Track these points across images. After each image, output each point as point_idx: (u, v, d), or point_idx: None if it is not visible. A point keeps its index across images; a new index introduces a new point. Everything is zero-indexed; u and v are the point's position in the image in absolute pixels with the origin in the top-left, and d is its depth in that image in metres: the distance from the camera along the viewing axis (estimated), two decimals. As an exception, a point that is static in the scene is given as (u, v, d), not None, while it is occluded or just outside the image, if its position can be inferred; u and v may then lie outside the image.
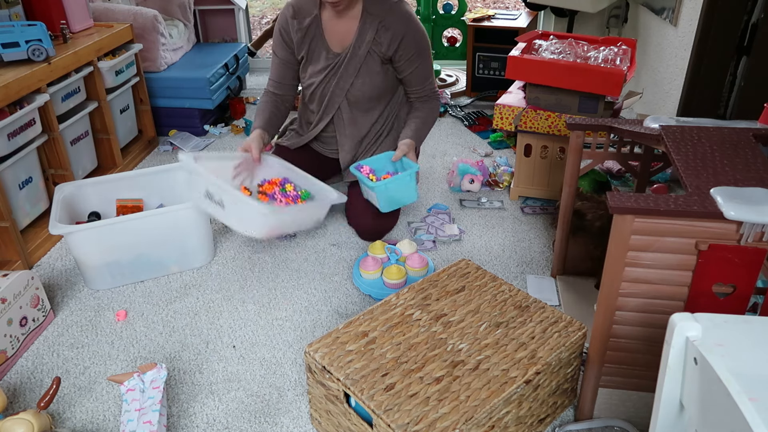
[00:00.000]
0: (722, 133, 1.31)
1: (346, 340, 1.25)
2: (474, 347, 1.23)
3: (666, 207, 1.04)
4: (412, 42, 1.92)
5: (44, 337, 1.65)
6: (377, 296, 1.75)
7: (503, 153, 2.65)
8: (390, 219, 2.05)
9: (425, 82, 2.02)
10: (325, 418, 1.28)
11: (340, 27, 1.93)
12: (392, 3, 1.91)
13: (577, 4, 2.91)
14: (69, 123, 2.14)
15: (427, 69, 2.02)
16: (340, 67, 1.95)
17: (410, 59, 1.95)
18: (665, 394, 0.82)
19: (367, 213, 1.98)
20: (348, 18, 1.91)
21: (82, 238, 1.72)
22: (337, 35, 1.95)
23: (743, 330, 0.78)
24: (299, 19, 1.94)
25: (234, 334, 1.64)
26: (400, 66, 1.96)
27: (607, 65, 1.98)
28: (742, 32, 2.21)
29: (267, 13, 5.78)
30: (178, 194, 2.07)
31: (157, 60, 2.76)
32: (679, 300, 1.13)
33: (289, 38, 1.98)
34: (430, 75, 2.03)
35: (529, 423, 1.26)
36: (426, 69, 2.01)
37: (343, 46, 1.95)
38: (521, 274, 1.86)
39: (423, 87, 2.03)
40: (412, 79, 2.00)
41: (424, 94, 2.04)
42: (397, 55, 1.93)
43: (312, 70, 2.00)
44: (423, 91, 2.04)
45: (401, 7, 1.92)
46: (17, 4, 2.15)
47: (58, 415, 1.40)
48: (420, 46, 1.95)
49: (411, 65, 1.96)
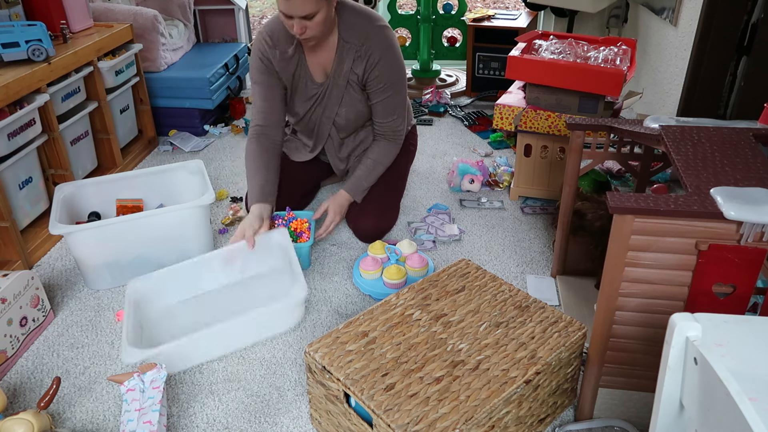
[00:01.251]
0: (722, 133, 1.31)
1: (346, 340, 1.25)
2: (474, 347, 1.23)
3: (666, 207, 1.04)
4: (384, 70, 1.85)
5: (44, 337, 1.65)
6: (377, 296, 1.75)
7: (503, 153, 2.65)
8: (389, 220, 2.05)
9: (387, 118, 1.93)
10: (325, 418, 1.28)
11: (320, 57, 1.88)
12: (370, 29, 1.83)
13: (577, 4, 2.92)
14: (69, 123, 2.14)
15: (395, 104, 1.92)
16: (324, 96, 1.93)
17: (380, 89, 1.88)
18: (665, 394, 0.82)
19: (366, 214, 1.98)
20: (326, 48, 1.86)
21: (82, 238, 1.72)
22: (318, 65, 1.90)
23: (743, 330, 0.78)
24: (280, 49, 1.86)
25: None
26: (370, 94, 1.90)
27: (607, 65, 1.98)
28: (742, 32, 2.21)
29: (267, 13, 5.78)
30: (178, 194, 2.08)
31: (157, 60, 2.76)
32: (679, 300, 1.13)
33: (271, 65, 1.88)
34: (395, 112, 1.93)
35: (529, 423, 1.26)
36: (392, 104, 1.91)
37: (326, 76, 1.91)
38: (521, 274, 1.86)
39: (383, 122, 1.94)
40: (377, 111, 1.93)
41: (383, 131, 1.96)
42: (368, 83, 1.87)
43: (298, 99, 1.96)
44: (383, 127, 1.95)
45: (380, 33, 1.84)
46: (17, 4, 2.15)
47: (58, 415, 1.40)
48: (392, 75, 1.87)
49: (378, 95, 1.89)
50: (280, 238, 1.74)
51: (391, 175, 2.08)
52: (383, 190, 2.04)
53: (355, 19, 1.84)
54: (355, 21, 1.83)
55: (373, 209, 1.99)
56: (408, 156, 2.20)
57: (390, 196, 2.08)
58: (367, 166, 1.96)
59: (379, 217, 1.99)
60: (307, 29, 1.69)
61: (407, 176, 2.25)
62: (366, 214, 1.99)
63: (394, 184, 2.11)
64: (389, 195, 2.08)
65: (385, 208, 2.04)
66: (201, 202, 1.81)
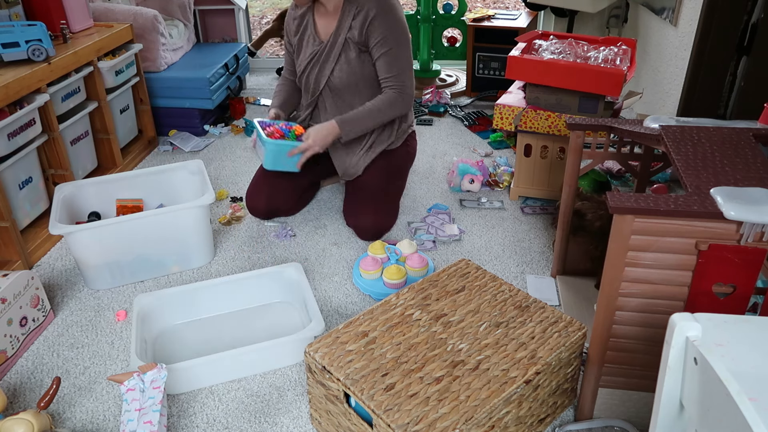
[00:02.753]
0: (722, 133, 1.31)
1: (346, 340, 1.25)
2: (474, 347, 1.23)
3: (666, 207, 1.04)
4: (382, 25, 1.89)
5: (44, 337, 1.65)
6: (377, 296, 1.75)
7: (503, 153, 2.65)
8: (388, 219, 2.05)
9: (391, 72, 1.93)
10: (325, 418, 1.28)
11: (327, 17, 1.98)
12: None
13: (577, 4, 2.92)
14: (69, 123, 2.14)
15: (398, 60, 1.92)
16: (322, 54, 1.99)
17: (378, 44, 1.91)
18: (665, 394, 0.82)
19: (365, 212, 1.98)
20: (333, 10, 1.96)
21: (82, 238, 1.72)
22: (324, 25, 2.00)
23: (743, 330, 0.78)
24: (297, 9, 2.04)
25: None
26: (372, 52, 1.94)
27: (607, 65, 1.98)
28: (742, 32, 2.21)
29: (267, 13, 5.78)
30: (178, 194, 2.08)
31: (157, 60, 2.76)
32: (679, 300, 1.13)
33: (289, 28, 2.08)
34: (398, 68, 1.93)
35: (529, 423, 1.26)
36: (395, 59, 1.92)
37: (328, 35, 1.98)
38: (521, 274, 1.86)
39: (388, 77, 1.94)
40: (380, 67, 1.94)
41: (389, 84, 1.96)
42: (368, 40, 1.93)
43: (301, 57, 2.05)
44: (388, 81, 1.95)
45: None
46: (17, 4, 2.15)
47: (58, 415, 1.40)
48: (391, 31, 1.90)
49: (378, 50, 1.92)
50: (294, 272, 1.69)
51: (392, 174, 2.08)
52: (383, 189, 2.04)
53: None
54: None
55: (373, 208, 1.99)
56: (408, 157, 2.20)
57: (390, 194, 2.09)
58: (367, 107, 1.94)
59: (378, 216, 1.99)
60: None
61: (407, 176, 2.25)
62: (366, 212, 1.99)
63: (394, 183, 2.11)
64: (389, 194, 2.08)
65: (385, 207, 2.05)
66: (201, 202, 1.81)
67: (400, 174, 2.15)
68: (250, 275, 1.71)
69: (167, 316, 1.65)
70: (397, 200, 2.15)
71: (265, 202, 2.08)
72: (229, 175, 2.51)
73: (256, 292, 1.71)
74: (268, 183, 2.07)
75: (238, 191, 2.38)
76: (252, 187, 2.11)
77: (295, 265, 1.72)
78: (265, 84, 3.58)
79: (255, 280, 1.70)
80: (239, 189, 2.39)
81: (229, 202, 2.29)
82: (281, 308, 1.72)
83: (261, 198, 2.08)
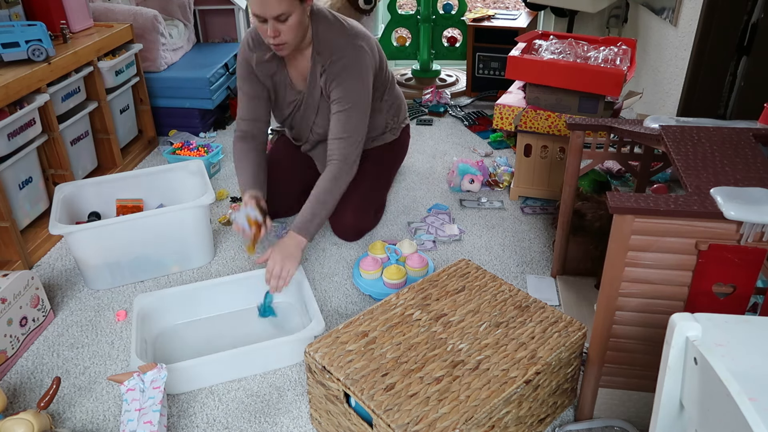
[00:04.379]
0: (722, 133, 1.31)
1: (346, 340, 1.25)
2: (474, 347, 1.23)
3: (666, 207, 1.04)
4: (341, 84, 1.78)
5: (44, 337, 1.65)
6: (377, 296, 1.75)
7: (503, 153, 2.65)
8: (367, 219, 2.02)
9: (338, 136, 1.80)
10: (325, 418, 1.28)
11: (299, 64, 1.87)
12: (342, 43, 1.79)
13: (577, 4, 2.92)
14: (69, 123, 2.14)
15: (347, 125, 1.79)
16: (302, 105, 1.92)
17: (335, 101, 1.80)
18: (665, 394, 0.82)
19: (344, 211, 1.94)
20: (304, 57, 1.84)
21: (82, 238, 1.72)
22: (297, 75, 1.89)
23: (743, 330, 0.78)
24: (259, 52, 1.85)
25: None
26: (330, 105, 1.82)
27: (607, 65, 1.98)
28: (742, 32, 2.21)
29: (267, 13, 5.77)
30: (178, 194, 2.08)
31: (157, 60, 2.76)
32: (679, 300, 1.13)
33: (250, 68, 1.88)
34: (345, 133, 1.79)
35: (529, 423, 1.26)
36: (345, 123, 1.79)
37: (305, 84, 1.89)
38: (521, 274, 1.86)
39: (333, 140, 1.81)
40: (332, 125, 1.82)
41: (332, 152, 1.81)
42: (330, 95, 1.81)
43: (281, 103, 1.96)
44: (332, 147, 1.81)
45: (347, 49, 1.78)
46: (17, 4, 2.15)
47: (58, 415, 1.40)
48: (347, 95, 1.78)
49: (335, 107, 1.81)
50: (297, 274, 1.69)
51: (374, 173, 2.05)
52: (364, 188, 1.99)
53: (328, 33, 1.79)
54: (328, 34, 1.79)
55: (352, 207, 1.95)
56: (394, 154, 2.17)
57: (372, 194, 2.05)
58: (315, 198, 1.77)
59: (356, 215, 1.96)
60: (280, 33, 1.65)
61: (393, 175, 2.21)
62: (344, 211, 1.93)
63: (376, 183, 2.07)
64: (371, 194, 2.04)
65: (365, 207, 2.01)
66: (201, 202, 1.81)
67: (387, 171, 2.13)
68: (250, 275, 1.71)
69: (167, 316, 1.65)
70: (380, 201, 2.11)
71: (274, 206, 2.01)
72: (229, 175, 2.51)
73: (256, 292, 1.70)
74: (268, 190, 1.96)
75: (238, 191, 2.38)
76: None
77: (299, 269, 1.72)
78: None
79: (255, 280, 1.70)
80: (239, 189, 2.39)
81: (229, 202, 2.29)
82: (282, 308, 1.71)
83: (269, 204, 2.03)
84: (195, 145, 2.48)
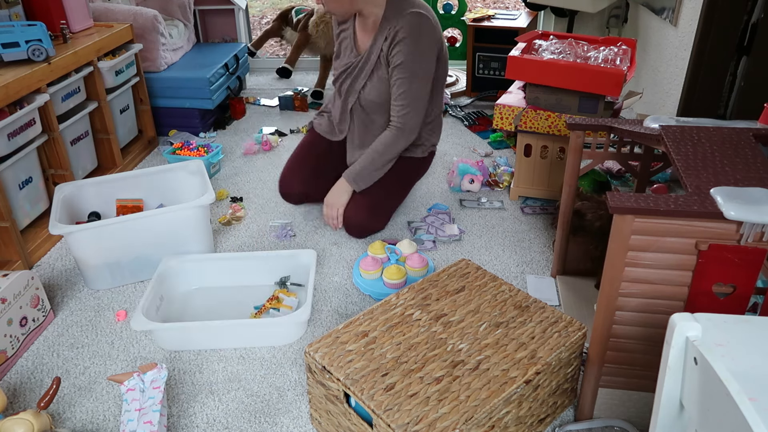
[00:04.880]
0: (722, 133, 1.31)
1: (346, 340, 1.25)
2: (474, 347, 1.23)
3: (666, 207, 1.04)
4: (404, 50, 1.85)
5: (44, 337, 1.65)
6: (377, 296, 1.75)
7: (503, 153, 2.65)
8: (378, 221, 2.04)
9: (398, 102, 1.90)
10: (325, 418, 1.28)
11: (367, 30, 1.97)
12: (407, 12, 1.86)
13: (577, 4, 2.92)
14: (69, 123, 2.14)
15: (408, 91, 1.88)
16: (356, 67, 1.98)
17: (397, 67, 1.88)
18: (665, 394, 0.82)
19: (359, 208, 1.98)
20: (372, 24, 1.94)
21: (82, 238, 1.72)
22: (363, 38, 1.99)
23: (743, 330, 0.78)
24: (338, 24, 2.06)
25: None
26: (390, 72, 1.91)
27: (607, 65, 1.98)
28: (742, 32, 2.21)
29: (267, 13, 5.78)
30: (178, 194, 2.08)
31: (157, 60, 2.76)
32: (679, 300, 1.13)
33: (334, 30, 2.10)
34: (406, 99, 1.89)
35: (529, 423, 1.26)
36: (405, 89, 1.88)
37: (364, 49, 1.97)
38: (521, 274, 1.86)
39: (394, 106, 1.91)
40: (392, 92, 1.91)
41: (394, 116, 1.93)
42: (390, 60, 1.90)
43: (338, 63, 2.06)
44: (395, 112, 1.92)
45: (413, 17, 1.86)
46: (17, 4, 2.15)
47: (58, 415, 1.40)
48: (412, 59, 1.85)
49: (393, 74, 1.89)
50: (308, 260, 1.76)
51: (396, 184, 2.08)
52: (383, 193, 2.04)
53: (400, 3, 1.89)
54: (400, 4, 1.89)
55: (369, 205, 1.99)
56: (419, 170, 2.19)
57: (388, 201, 2.08)
58: (369, 154, 1.96)
59: (370, 213, 2.00)
60: (324, 2, 1.87)
61: (411, 188, 2.22)
62: (360, 207, 1.98)
63: (395, 192, 2.10)
64: (387, 200, 2.07)
65: (380, 208, 2.04)
66: (201, 202, 1.81)
67: (406, 182, 2.15)
68: (269, 254, 1.83)
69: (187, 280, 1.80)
70: (393, 207, 2.13)
71: (298, 186, 2.13)
72: (229, 175, 2.51)
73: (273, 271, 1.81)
74: (302, 168, 2.13)
75: (238, 191, 2.38)
76: (286, 172, 2.16)
77: (310, 252, 1.79)
78: (265, 84, 3.58)
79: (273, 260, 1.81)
80: (239, 189, 2.39)
81: (229, 202, 2.29)
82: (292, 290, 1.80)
83: (294, 182, 2.13)
84: (195, 145, 2.48)
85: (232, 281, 1.82)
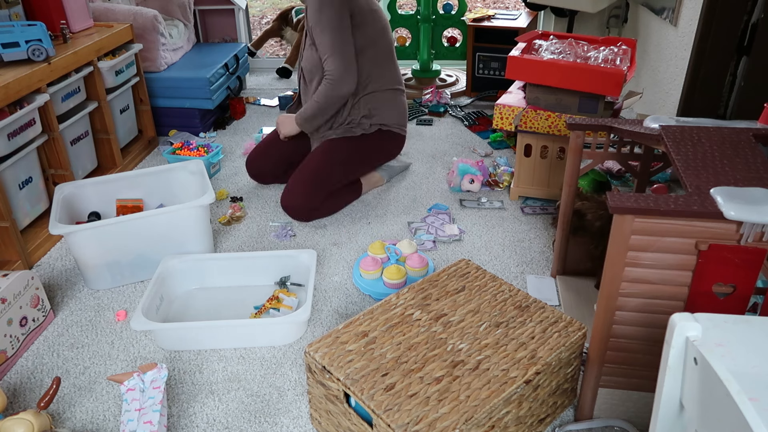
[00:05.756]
0: (722, 133, 1.31)
1: (346, 340, 1.25)
2: (474, 347, 1.23)
3: (666, 207, 1.04)
4: (309, 11, 2.04)
5: (44, 337, 1.65)
6: (377, 296, 1.75)
7: (503, 153, 2.65)
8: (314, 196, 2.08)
9: (322, 56, 2.07)
10: (325, 418, 1.28)
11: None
12: None
13: (577, 4, 2.91)
14: (69, 123, 2.14)
15: (323, 44, 2.04)
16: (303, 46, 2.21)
17: (309, 29, 2.08)
18: (665, 394, 0.82)
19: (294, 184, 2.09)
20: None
21: (82, 238, 1.72)
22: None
23: (743, 330, 0.78)
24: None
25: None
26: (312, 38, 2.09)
27: (607, 65, 1.98)
28: (742, 32, 2.21)
29: (267, 13, 5.78)
30: (178, 194, 2.08)
31: (157, 60, 2.76)
32: (679, 300, 1.13)
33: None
34: (325, 53, 2.05)
35: (529, 423, 1.26)
36: (321, 43, 2.04)
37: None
38: (521, 274, 1.86)
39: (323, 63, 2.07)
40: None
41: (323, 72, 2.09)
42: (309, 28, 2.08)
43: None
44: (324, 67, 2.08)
45: None
46: (17, 4, 2.15)
47: (58, 415, 1.40)
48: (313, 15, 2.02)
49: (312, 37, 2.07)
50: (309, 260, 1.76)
51: (331, 159, 2.14)
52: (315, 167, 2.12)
53: None
54: None
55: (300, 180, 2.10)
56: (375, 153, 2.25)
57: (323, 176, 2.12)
58: (312, 102, 2.12)
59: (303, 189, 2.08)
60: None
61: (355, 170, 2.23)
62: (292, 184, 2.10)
63: (329, 168, 2.13)
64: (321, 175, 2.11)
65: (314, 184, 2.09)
66: (201, 202, 1.81)
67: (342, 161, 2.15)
68: (269, 254, 1.82)
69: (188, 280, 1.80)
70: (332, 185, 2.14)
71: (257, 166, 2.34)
72: (229, 175, 2.52)
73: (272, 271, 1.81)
74: (263, 152, 2.34)
75: (238, 191, 2.38)
76: (251, 154, 2.38)
77: (310, 252, 1.79)
78: (265, 84, 3.58)
79: (273, 260, 1.81)
80: (239, 189, 2.40)
81: (229, 202, 2.29)
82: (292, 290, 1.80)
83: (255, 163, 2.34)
84: (195, 145, 2.48)
85: (232, 281, 1.82)
